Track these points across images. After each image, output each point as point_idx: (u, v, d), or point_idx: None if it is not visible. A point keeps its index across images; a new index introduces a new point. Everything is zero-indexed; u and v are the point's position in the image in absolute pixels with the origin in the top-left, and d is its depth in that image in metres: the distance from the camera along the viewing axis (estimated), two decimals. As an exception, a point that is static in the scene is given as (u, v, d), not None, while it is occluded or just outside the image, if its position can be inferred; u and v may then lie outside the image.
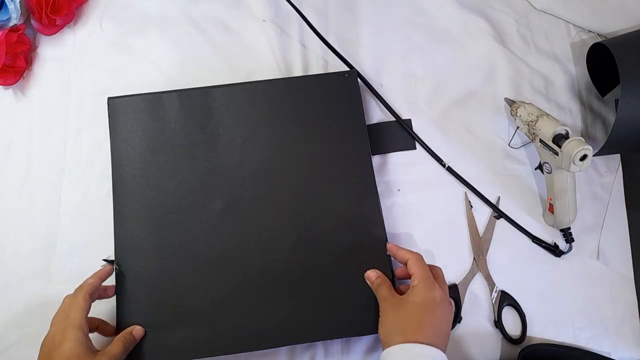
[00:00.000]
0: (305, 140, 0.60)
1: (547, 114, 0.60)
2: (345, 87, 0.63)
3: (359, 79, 0.65)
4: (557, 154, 0.57)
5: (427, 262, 0.63)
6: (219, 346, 0.54)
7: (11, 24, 0.65)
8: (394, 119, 0.67)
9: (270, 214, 0.58)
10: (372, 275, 0.55)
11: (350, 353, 0.59)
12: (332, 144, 0.60)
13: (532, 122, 0.60)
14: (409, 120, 0.67)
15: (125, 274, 0.56)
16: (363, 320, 0.55)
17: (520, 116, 0.63)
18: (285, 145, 0.60)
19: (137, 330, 0.54)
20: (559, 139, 0.57)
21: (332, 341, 0.59)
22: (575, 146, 0.55)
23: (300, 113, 0.61)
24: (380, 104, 0.67)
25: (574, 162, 0.55)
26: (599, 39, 0.72)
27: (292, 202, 0.58)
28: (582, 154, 0.55)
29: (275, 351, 0.59)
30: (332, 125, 0.61)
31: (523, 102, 0.64)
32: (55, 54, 0.68)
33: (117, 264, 0.56)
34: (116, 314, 0.54)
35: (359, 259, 0.56)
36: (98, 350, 0.50)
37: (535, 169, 0.64)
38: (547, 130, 0.58)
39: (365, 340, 0.59)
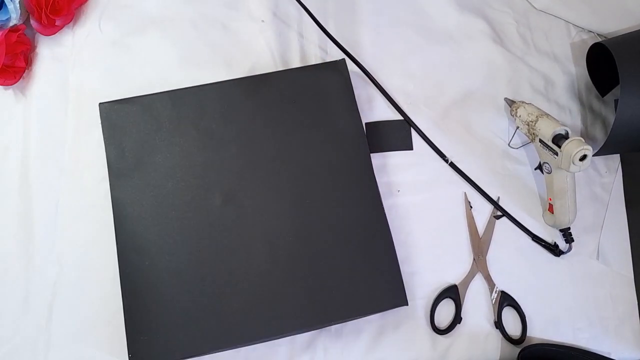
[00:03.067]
0: (299, 129, 0.61)
1: (547, 114, 0.60)
2: (336, 76, 0.63)
3: (368, 77, 0.66)
4: (556, 154, 0.57)
5: (426, 261, 0.63)
6: (230, 339, 0.54)
7: (11, 24, 0.65)
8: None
9: (270, 203, 0.58)
10: None
11: (351, 354, 0.59)
12: (326, 131, 0.61)
13: (532, 122, 0.60)
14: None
15: (130, 273, 0.56)
16: (370, 299, 0.55)
17: (520, 116, 0.63)
18: (280, 135, 0.60)
19: None
20: (559, 139, 0.57)
21: (331, 341, 0.59)
22: (575, 146, 0.55)
23: (293, 104, 0.62)
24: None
25: (573, 162, 0.55)
26: (599, 39, 0.72)
27: (291, 190, 0.59)
28: (582, 154, 0.55)
29: (274, 353, 0.59)
30: (326, 114, 0.62)
31: (523, 102, 0.64)
32: (54, 54, 0.68)
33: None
34: (123, 314, 0.54)
35: (361, 239, 0.57)
36: None
37: (535, 169, 0.64)
38: (546, 131, 0.58)
39: (365, 340, 0.59)
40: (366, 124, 0.66)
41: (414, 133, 0.66)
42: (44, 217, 0.62)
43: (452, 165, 0.65)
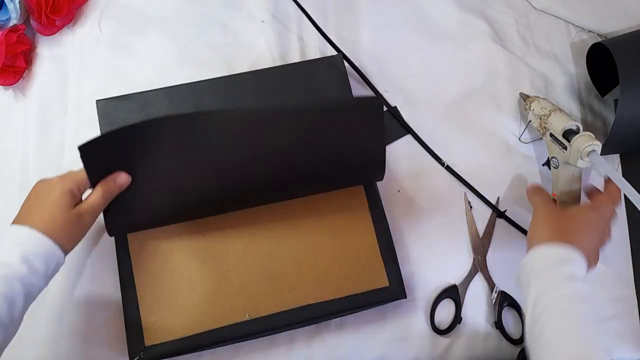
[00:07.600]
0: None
1: (561, 110, 0.61)
2: (333, 71, 0.63)
3: (362, 79, 0.66)
4: (565, 148, 0.57)
5: (426, 261, 0.63)
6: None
7: (11, 24, 0.65)
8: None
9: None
10: (529, 187, 0.59)
11: (350, 354, 0.59)
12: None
13: (545, 115, 0.60)
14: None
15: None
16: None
17: (533, 110, 0.63)
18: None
19: (121, 177, 0.50)
20: (569, 134, 0.57)
21: (330, 340, 0.59)
22: (584, 141, 0.55)
23: (289, 98, 0.62)
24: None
25: (581, 157, 0.55)
26: (599, 39, 0.72)
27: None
28: (590, 149, 0.55)
29: (274, 349, 0.59)
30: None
31: (537, 97, 0.64)
32: (54, 54, 0.68)
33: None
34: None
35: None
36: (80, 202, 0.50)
37: (543, 164, 0.65)
38: (558, 125, 0.58)
39: (364, 340, 0.59)
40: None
41: (416, 132, 0.66)
42: (44, 217, 0.62)
43: (449, 168, 0.65)
